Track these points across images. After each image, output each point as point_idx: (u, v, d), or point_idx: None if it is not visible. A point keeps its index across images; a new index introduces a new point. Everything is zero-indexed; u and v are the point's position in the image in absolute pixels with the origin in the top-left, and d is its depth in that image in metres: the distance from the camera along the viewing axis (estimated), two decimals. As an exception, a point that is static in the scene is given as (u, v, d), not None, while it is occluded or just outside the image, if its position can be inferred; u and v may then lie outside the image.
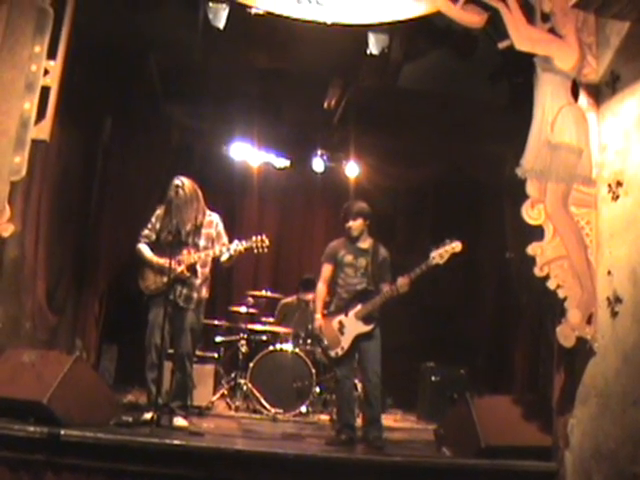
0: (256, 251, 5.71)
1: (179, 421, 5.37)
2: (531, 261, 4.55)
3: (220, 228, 5.74)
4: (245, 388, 6.97)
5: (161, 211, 5.70)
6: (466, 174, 8.30)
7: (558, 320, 4.53)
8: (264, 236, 5.72)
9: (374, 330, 5.48)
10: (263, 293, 8.05)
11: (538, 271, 4.53)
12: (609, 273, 4.46)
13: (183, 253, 5.52)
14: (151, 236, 5.67)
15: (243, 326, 7.50)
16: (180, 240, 5.54)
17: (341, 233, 5.78)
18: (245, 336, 7.43)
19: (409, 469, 4.64)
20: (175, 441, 4.49)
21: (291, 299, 8.14)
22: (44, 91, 4.62)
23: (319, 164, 8.96)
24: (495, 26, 4.88)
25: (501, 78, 6.01)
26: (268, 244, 5.72)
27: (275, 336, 7.55)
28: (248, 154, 8.86)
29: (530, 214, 4.60)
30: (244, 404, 7.02)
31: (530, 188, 4.64)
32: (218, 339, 7.55)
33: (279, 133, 8.64)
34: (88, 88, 6.35)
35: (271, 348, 7.13)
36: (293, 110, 8.06)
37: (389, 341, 5.65)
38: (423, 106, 7.18)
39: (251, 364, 7.00)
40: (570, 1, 4.70)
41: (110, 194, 7.60)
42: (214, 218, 5.76)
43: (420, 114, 7.42)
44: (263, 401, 6.84)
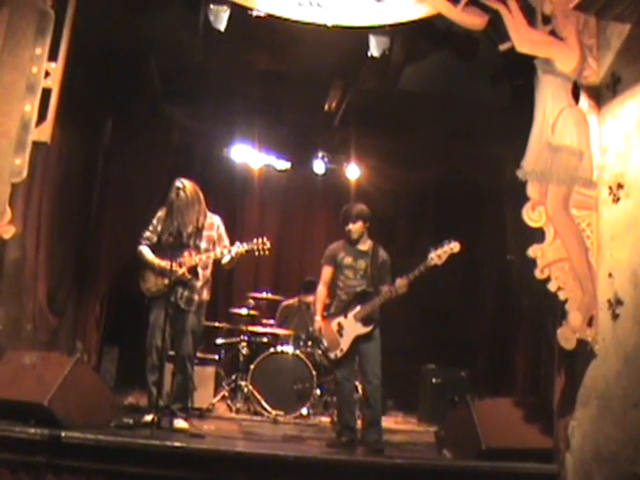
0: (257, 253, 5.70)
1: (180, 423, 5.36)
2: (532, 263, 4.55)
3: (221, 230, 5.74)
4: (246, 390, 6.96)
5: (162, 213, 5.70)
6: (467, 176, 8.30)
7: (559, 322, 4.53)
8: (265, 238, 5.71)
9: (373, 331, 5.47)
10: (264, 295, 8.05)
11: (539, 273, 4.53)
12: (610, 275, 4.46)
13: (184, 255, 5.51)
14: (152, 238, 5.66)
15: (244, 328, 7.50)
16: (181, 242, 5.53)
17: (341, 235, 5.78)
18: (246, 338, 7.43)
19: (410, 471, 4.64)
20: (176, 443, 4.48)
21: (292, 301, 8.14)
22: (45, 93, 4.62)
23: (320, 166, 8.95)
24: (496, 28, 4.88)
25: (502, 80, 6.00)
26: (269, 246, 5.71)
27: (276, 338, 7.55)
28: (249, 156, 8.85)
29: (531, 216, 4.60)
30: (245, 406, 7.02)
31: (531, 190, 4.64)
32: (219, 341, 7.55)
33: (280, 135, 8.63)
34: (89, 90, 6.36)
35: (272, 350, 7.12)
36: (294, 112, 8.06)
37: (390, 343, 5.65)
38: (424, 108, 7.17)
39: (252, 366, 6.99)
40: (571, 3, 4.71)
41: (111, 196, 7.59)
42: (215, 220, 5.75)
43: (421, 116, 7.42)
44: (264, 403, 6.84)
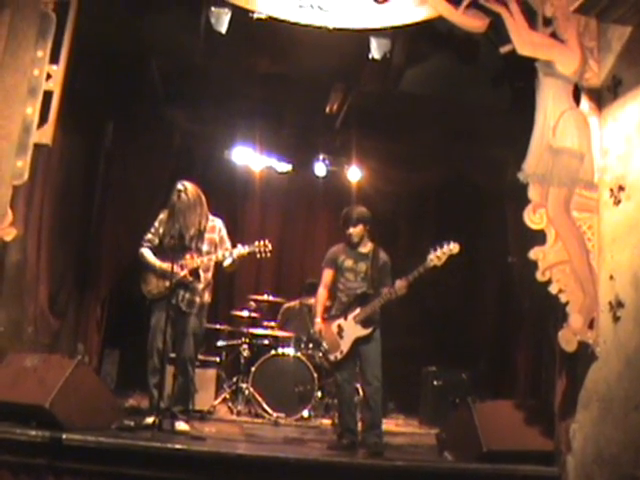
0: (259, 256, 5.70)
1: (181, 425, 5.36)
2: (533, 266, 4.55)
3: (223, 233, 5.74)
4: (247, 392, 6.96)
5: (164, 215, 5.69)
6: (468, 178, 8.30)
7: (560, 325, 4.53)
8: (267, 241, 5.70)
9: (373, 333, 5.46)
10: (265, 297, 8.05)
11: (540, 276, 4.52)
12: (611, 278, 4.45)
13: (186, 258, 5.51)
14: (154, 240, 5.66)
15: (245, 330, 7.51)
16: (183, 245, 5.53)
17: (342, 237, 5.77)
18: (247, 340, 7.43)
19: (411, 473, 4.64)
20: (177, 445, 4.48)
21: (294, 303, 8.14)
22: (46, 95, 4.64)
23: (321, 168, 8.95)
24: (497, 31, 4.88)
25: (503, 82, 6.01)
26: (271, 249, 5.71)
27: (277, 340, 7.55)
28: (250, 158, 8.86)
29: (532, 218, 4.60)
30: (246, 408, 7.02)
31: (532, 192, 4.64)
32: (220, 343, 7.56)
33: (281, 137, 8.63)
34: (90, 92, 6.37)
35: (273, 352, 7.12)
36: (295, 114, 8.06)
37: (391, 345, 5.64)
38: (425, 110, 7.18)
39: (253, 368, 6.99)
40: (572, 6, 4.70)
41: (112, 198, 7.60)
42: (217, 223, 5.75)
43: (422, 118, 7.42)
44: (265, 405, 6.84)
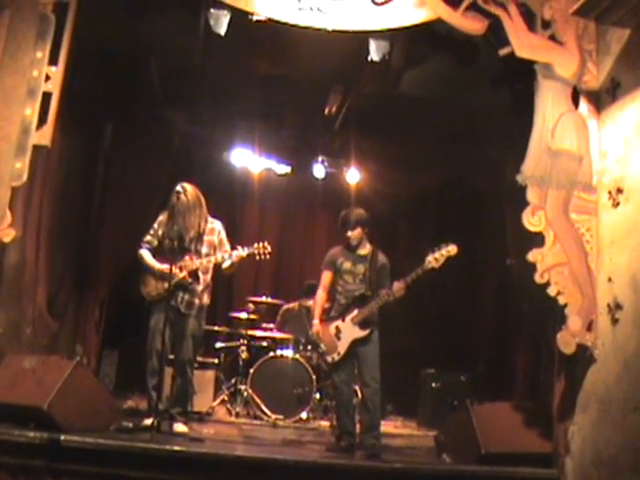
0: (258, 258, 5.70)
1: (179, 427, 5.36)
2: (531, 268, 4.55)
3: (222, 235, 5.73)
4: (245, 394, 6.96)
5: (164, 217, 5.69)
6: (467, 180, 8.32)
7: (558, 327, 4.52)
8: (266, 243, 5.71)
9: (371, 335, 5.45)
10: (264, 299, 8.04)
11: (538, 278, 4.52)
12: (609, 280, 4.45)
13: (185, 259, 5.51)
14: (153, 242, 5.66)
15: (244, 332, 7.50)
16: (182, 246, 5.52)
17: (341, 239, 5.77)
18: (246, 342, 7.43)
19: (409, 476, 4.63)
20: (175, 447, 4.47)
21: (293, 305, 8.15)
22: (45, 97, 4.64)
23: (320, 170, 8.96)
24: (496, 33, 4.88)
25: (502, 85, 6.00)
26: (270, 251, 5.71)
27: (275, 342, 7.55)
28: (249, 160, 8.87)
29: (530, 221, 4.60)
30: (244, 410, 7.02)
31: (530, 195, 4.64)
32: (219, 345, 7.55)
33: (280, 139, 8.65)
34: (89, 93, 6.37)
35: (271, 354, 7.12)
36: (294, 116, 8.07)
37: (389, 347, 5.64)
38: (424, 112, 7.19)
39: (251, 370, 6.99)
40: (571, 8, 4.71)
41: (111, 199, 7.61)
42: (216, 225, 5.74)
43: (421, 120, 7.43)
44: (263, 407, 6.83)
